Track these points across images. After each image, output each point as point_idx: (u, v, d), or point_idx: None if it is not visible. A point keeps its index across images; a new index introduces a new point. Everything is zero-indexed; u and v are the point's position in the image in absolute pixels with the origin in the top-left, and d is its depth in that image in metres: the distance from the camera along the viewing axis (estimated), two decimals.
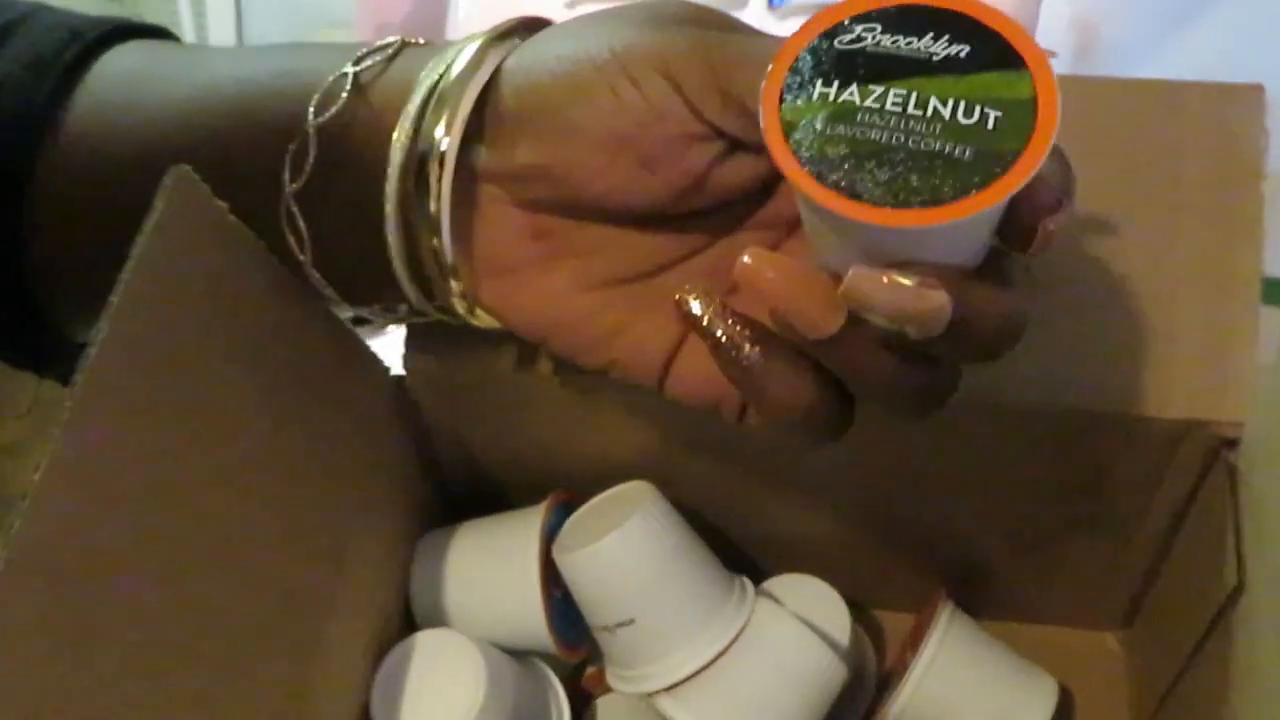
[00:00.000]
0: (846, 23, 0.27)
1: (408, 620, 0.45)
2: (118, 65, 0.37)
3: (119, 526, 0.28)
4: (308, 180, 0.33)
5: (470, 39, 0.33)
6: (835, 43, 0.27)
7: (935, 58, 0.27)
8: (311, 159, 0.33)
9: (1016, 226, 0.27)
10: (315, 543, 0.37)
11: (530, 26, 0.34)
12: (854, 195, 0.26)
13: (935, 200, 0.25)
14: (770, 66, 0.28)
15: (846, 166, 0.26)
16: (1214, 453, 0.39)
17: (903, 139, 0.26)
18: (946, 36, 0.27)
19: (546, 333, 0.34)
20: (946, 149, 0.26)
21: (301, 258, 0.34)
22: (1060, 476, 0.42)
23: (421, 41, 0.35)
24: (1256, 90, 0.40)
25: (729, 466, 0.44)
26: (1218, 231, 0.39)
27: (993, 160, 0.25)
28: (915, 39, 0.27)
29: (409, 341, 0.42)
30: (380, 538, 0.42)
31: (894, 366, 0.29)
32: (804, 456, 0.42)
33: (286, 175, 0.33)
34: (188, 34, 2.25)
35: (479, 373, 0.41)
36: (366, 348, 0.41)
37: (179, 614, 0.31)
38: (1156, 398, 0.38)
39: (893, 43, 0.27)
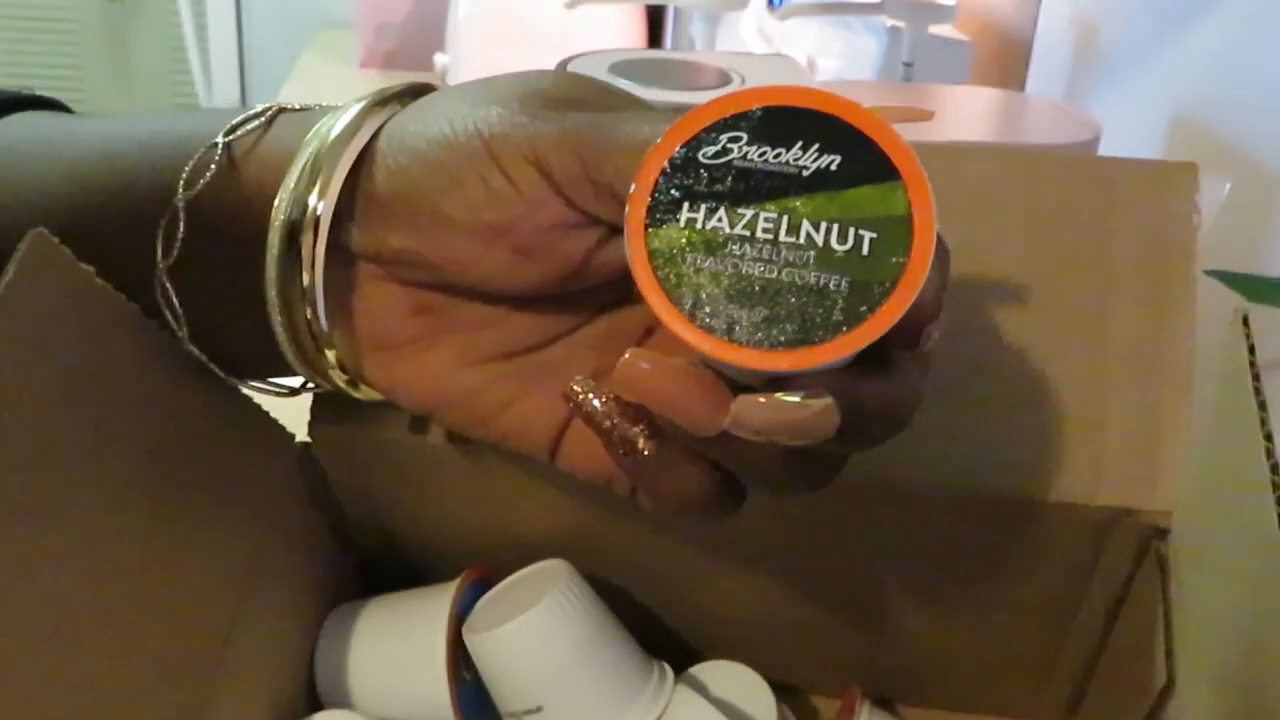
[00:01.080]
0: (711, 132, 0.26)
1: (312, 698, 0.43)
2: (2, 141, 0.36)
3: None
4: (180, 255, 0.32)
5: (351, 103, 0.32)
6: (700, 156, 0.26)
7: (805, 172, 0.25)
8: (180, 234, 0.32)
9: (898, 334, 0.26)
10: (197, 615, 0.36)
11: (416, 92, 0.34)
12: (727, 335, 0.25)
13: (807, 341, 0.24)
14: (634, 187, 0.26)
15: (719, 304, 0.25)
16: (1146, 542, 0.38)
17: (775, 272, 0.25)
18: (816, 146, 0.25)
19: (433, 408, 0.34)
20: (820, 281, 0.25)
21: (179, 333, 0.33)
22: (994, 562, 0.41)
23: (298, 106, 0.34)
24: (1189, 169, 0.39)
25: (654, 540, 0.42)
26: (1150, 314, 0.38)
27: (867, 293, 0.24)
28: (784, 149, 0.26)
29: (314, 408, 0.40)
30: (280, 610, 0.41)
31: (781, 458, 0.28)
32: (731, 536, 0.41)
33: (159, 251, 0.32)
34: (188, 34, 2.26)
35: (387, 440, 0.40)
36: (266, 414, 0.40)
37: (45, 687, 0.29)
38: (1087, 485, 0.37)
39: (760, 155, 0.26)
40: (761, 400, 0.26)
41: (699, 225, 0.26)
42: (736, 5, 1.09)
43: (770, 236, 0.25)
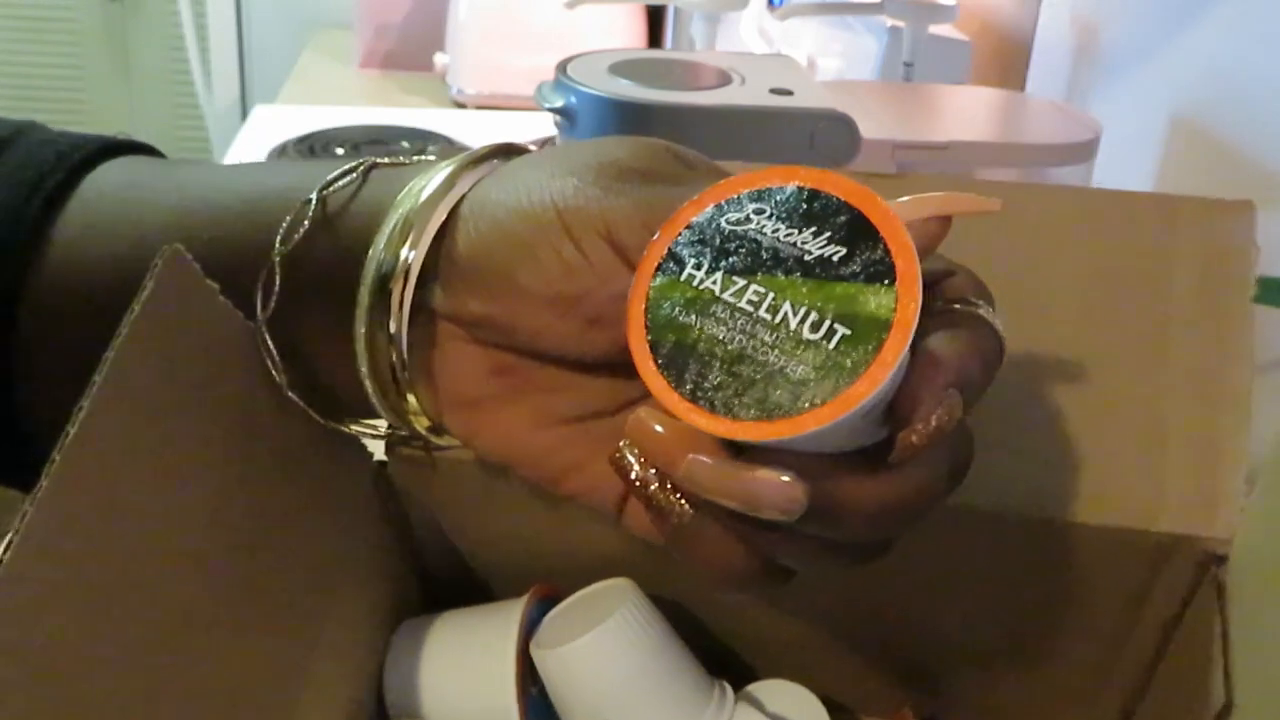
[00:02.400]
0: (743, 198, 0.27)
1: (380, 711, 0.43)
2: (99, 189, 0.37)
3: (85, 605, 0.28)
4: (278, 306, 0.33)
5: (443, 164, 0.34)
6: (723, 220, 0.27)
7: (808, 256, 0.26)
8: (277, 287, 0.33)
9: (900, 418, 0.26)
10: (288, 626, 0.37)
11: (507, 152, 0.35)
12: (691, 393, 0.26)
13: (764, 414, 0.25)
14: (656, 234, 0.27)
15: (690, 361, 0.26)
16: (1203, 568, 0.38)
17: (744, 343, 0.26)
18: (829, 234, 0.26)
19: (509, 463, 0.35)
20: (778, 363, 0.25)
21: (279, 380, 0.34)
22: (1048, 587, 0.41)
23: (389, 160, 0.35)
24: (1247, 206, 0.40)
25: None
26: (1209, 344, 0.39)
27: (819, 386, 0.25)
28: (797, 231, 0.27)
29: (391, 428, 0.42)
30: (355, 624, 0.42)
31: (813, 541, 0.28)
32: None
33: (258, 302, 0.34)
34: (188, 34, 2.26)
35: (459, 460, 0.40)
36: (349, 434, 0.41)
37: (144, 690, 0.30)
38: (1145, 511, 0.38)
39: (775, 231, 0.27)
40: (708, 461, 0.26)
41: (696, 282, 0.27)
42: (736, 5, 1.09)
43: (751, 309, 0.26)
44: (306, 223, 0.34)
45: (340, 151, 1.44)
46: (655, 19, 1.79)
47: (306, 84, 1.80)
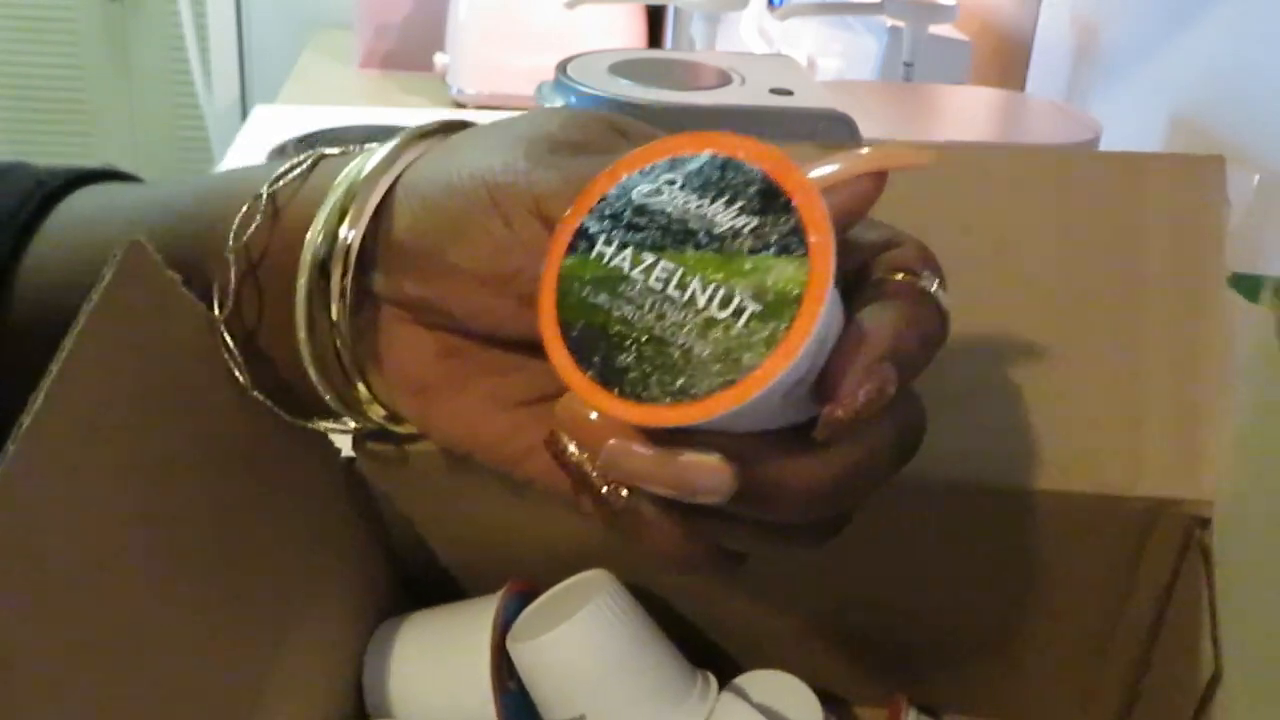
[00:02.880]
0: (658, 168, 0.26)
1: (361, 712, 0.43)
2: (69, 213, 0.38)
3: (38, 603, 0.27)
4: (236, 305, 0.33)
5: (387, 141, 0.33)
6: (634, 193, 0.26)
7: (718, 229, 0.25)
8: (232, 284, 0.33)
9: (825, 394, 0.25)
10: (247, 627, 0.36)
11: (449, 129, 0.34)
12: (601, 377, 0.25)
13: (673, 398, 0.24)
14: (569, 210, 0.26)
15: (600, 343, 0.25)
16: (1189, 533, 0.38)
17: (653, 323, 0.25)
18: (740, 204, 0.25)
19: (465, 448, 0.34)
20: (687, 344, 0.24)
21: (242, 380, 0.34)
22: (1036, 561, 0.41)
23: (337, 151, 0.35)
24: (1217, 161, 0.39)
25: None
26: (1184, 306, 0.38)
27: (733, 366, 0.24)
28: (708, 202, 0.25)
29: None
30: (331, 624, 0.42)
31: (746, 526, 0.27)
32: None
33: (214, 300, 0.33)
34: (188, 34, 2.26)
35: (430, 454, 0.40)
36: (315, 429, 0.40)
37: (102, 691, 0.30)
38: (1127, 477, 0.37)
39: (685, 203, 0.25)
40: (631, 446, 0.25)
41: (605, 260, 0.26)
42: (736, 5, 1.09)
43: (660, 287, 0.25)
44: (259, 217, 0.33)
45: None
46: (655, 19, 1.79)
47: (306, 84, 1.80)
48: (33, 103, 2.50)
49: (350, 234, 0.31)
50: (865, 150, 0.27)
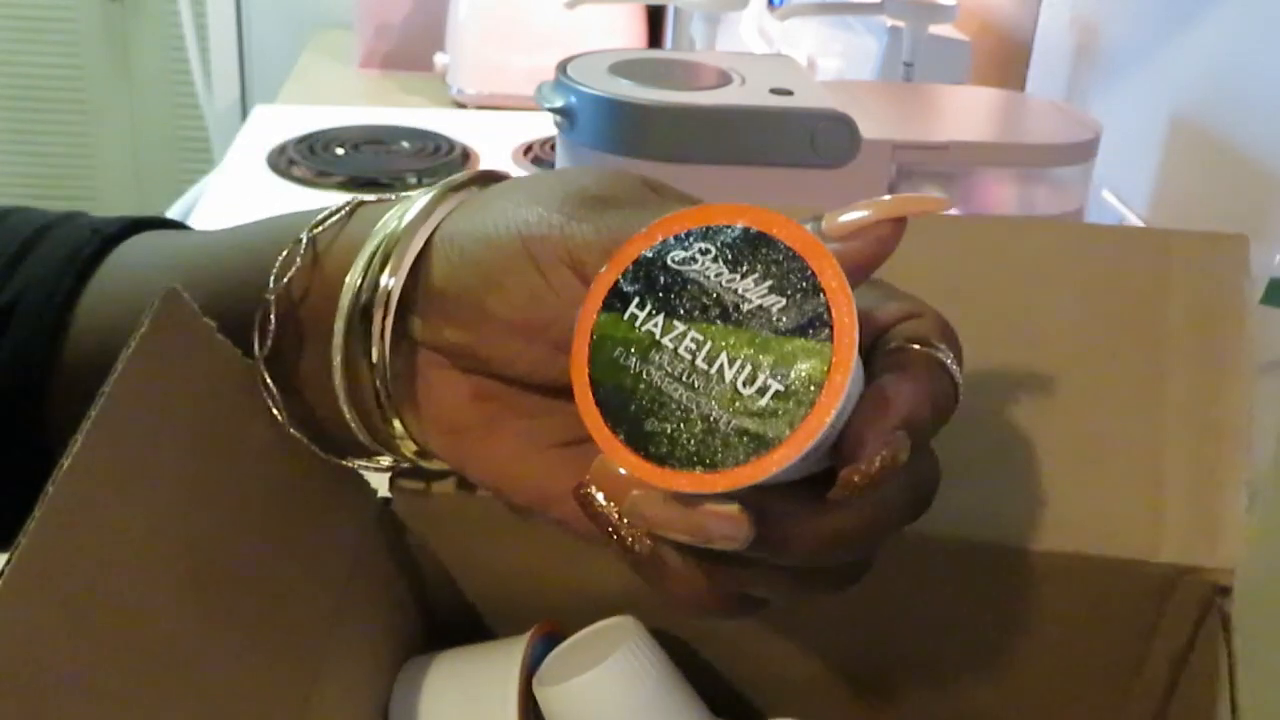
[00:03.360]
0: (692, 235, 0.27)
1: None
2: (121, 260, 0.40)
3: (76, 637, 0.28)
4: (275, 346, 0.35)
5: (421, 193, 0.34)
6: (669, 258, 0.27)
7: (746, 305, 0.26)
8: (272, 326, 0.35)
9: (844, 455, 0.26)
10: (286, 663, 0.37)
11: (485, 179, 0.36)
12: (627, 437, 0.26)
13: (694, 465, 0.25)
14: (605, 265, 0.27)
15: (630, 405, 0.26)
16: (1208, 601, 0.38)
17: (681, 393, 0.26)
18: (770, 283, 0.26)
19: (500, 490, 0.35)
20: (713, 415, 0.25)
21: (280, 419, 0.35)
22: (1056, 622, 0.41)
23: (374, 199, 0.36)
24: (1241, 240, 0.40)
25: None
26: (1205, 375, 0.39)
27: (749, 441, 0.25)
28: (739, 277, 0.26)
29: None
30: (359, 661, 0.42)
31: (766, 572, 0.29)
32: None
33: (255, 341, 0.35)
34: (188, 34, 2.26)
35: (462, 496, 0.41)
36: (353, 471, 0.41)
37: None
38: (1147, 543, 0.38)
39: (716, 276, 0.26)
40: (652, 496, 0.27)
41: (637, 324, 0.27)
42: (736, 5, 1.09)
43: (690, 357, 0.26)
44: (299, 261, 0.35)
45: (340, 151, 1.43)
46: (655, 19, 1.79)
47: (306, 84, 1.80)
48: (33, 103, 2.50)
49: (390, 281, 0.33)
50: (886, 198, 0.28)
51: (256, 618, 0.35)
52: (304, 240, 0.35)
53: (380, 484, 0.42)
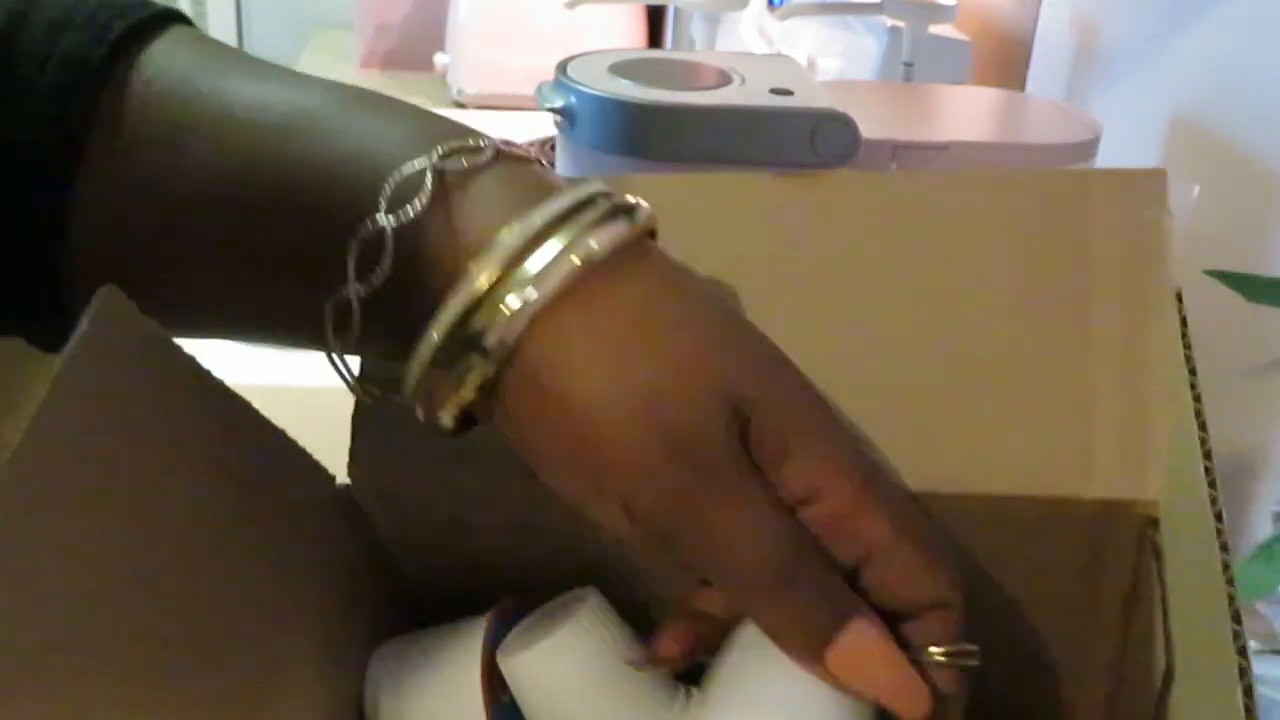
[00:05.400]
0: None
1: None
2: (171, 59, 0.34)
3: (34, 627, 0.28)
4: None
5: (563, 243, 0.29)
6: None
7: None
8: (388, 265, 0.30)
9: None
10: (242, 654, 0.37)
11: (639, 246, 0.31)
12: None
13: None
14: None
15: None
16: (1142, 536, 0.39)
17: None
18: None
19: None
20: None
21: (332, 348, 0.31)
22: (1004, 569, 0.41)
23: (519, 152, 0.32)
24: (1159, 174, 0.41)
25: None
26: (1130, 315, 0.39)
27: None
28: None
29: (352, 450, 0.41)
30: (328, 645, 0.42)
31: None
32: None
33: (351, 271, 0.30)
34: None
35: (423, 480, 0.40)
36: (309, 456, 0.41)
37: (95, 708, 0.30)
38: (1078, 480, 0.38)
39: None
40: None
41: None
42: (736, 5, 1.09)
43: None
44: (423, 198, 0.30)
45: None
46: (655, 19, 1.79)
47: None
48: None
49: (488, 367, 0.29)
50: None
51: (208, 611, 0.35)
52: (428, 169, 0.30)
53: (339, 470, 0.41)
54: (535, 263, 0.29)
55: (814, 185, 0.43)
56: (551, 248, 0.29)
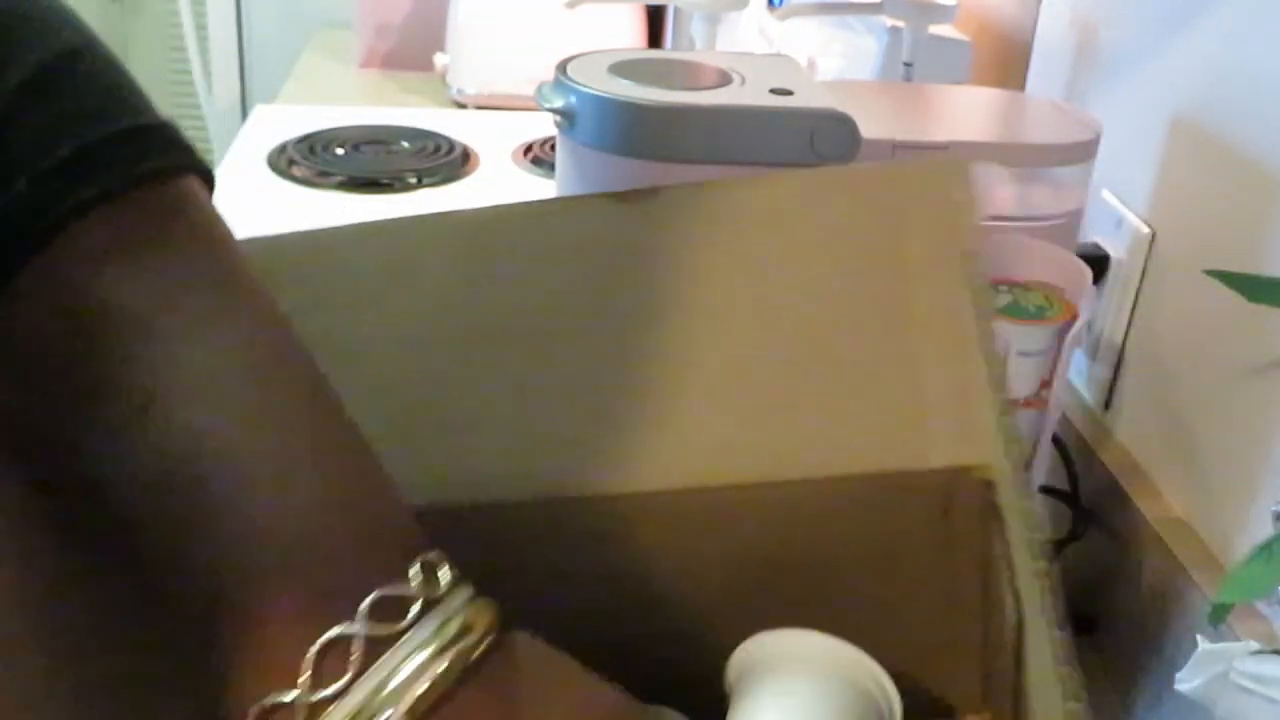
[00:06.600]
0: None
1: None
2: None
3: None
4: None
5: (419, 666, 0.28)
6: None
7: None
8: None
9: None
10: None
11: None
12: None
13: None
14: None
15: None
16: (985, 499, 0.40)
17: None
18: None
19: None
20: None
21: None
22: (864, 549, 0.42)
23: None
24: (962, 165, 0.44)
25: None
26: (947, 293, 0.43)
27: None
28: None
29: None
30: None
31: None
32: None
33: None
34: (188, 34, 2.26)
35: None
36: None
37: None
38: (918, 451, 0.41)
39: None
40: None
41: None
42: (736, 5, 1.09)
43: None
44: None
45: (340, 151, 1.43)
46: (655, 19, 1.79)
47: (306, 84, 1.80)
48: None
49: None
50: None
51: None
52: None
53: None
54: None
55: (645, 200, 0.45)
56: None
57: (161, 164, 0.30)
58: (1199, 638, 0.52)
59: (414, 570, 0.29)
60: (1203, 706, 0.52)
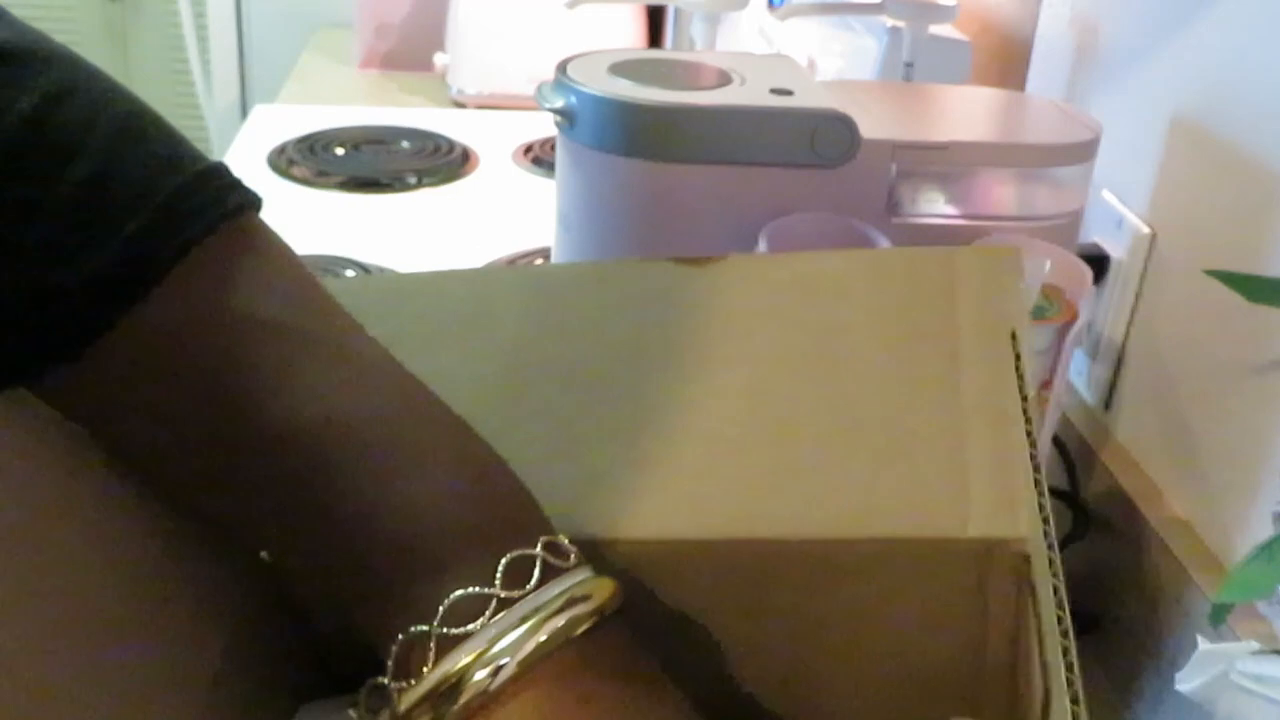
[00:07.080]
0: None
1: None
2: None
3: None
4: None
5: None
6: None
7: None
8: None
9: None
10: (169, 713, 0.37)
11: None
12: None
13: None
14: None
15: None
16: (1020, 572, 0.41)
17: None
18: None
19: None
20: None
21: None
22: (892, 611, 0.43)
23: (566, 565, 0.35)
24: (1014, 251, 0.48)
25: None
26: (993, 372, 0.45)
27: None
28: None
29: None
30: (249, 709, 0.41)
31: None
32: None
33: (390, 670, 0.35)
34: (188, 34, 2.26)
35: None
36: None
37: None
38: (956, 520, 0.41)
39: None
40: None
41: None
42: (736, 5, 1.09)
43: None
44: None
45: (340, 151, 1.43)
46: (655, 19, 1.79)
47: (306, 84, 1.80)
48: None
49: None
50: None
51: (136, 670, 0.35)
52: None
53: None
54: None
55: (712, 265, 0.49)
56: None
57: (241, 200, 0.35)
58: (1199, 638, 0.52)
59: (542, 542, 0.35)
60: (1203, 707, 0.52)
